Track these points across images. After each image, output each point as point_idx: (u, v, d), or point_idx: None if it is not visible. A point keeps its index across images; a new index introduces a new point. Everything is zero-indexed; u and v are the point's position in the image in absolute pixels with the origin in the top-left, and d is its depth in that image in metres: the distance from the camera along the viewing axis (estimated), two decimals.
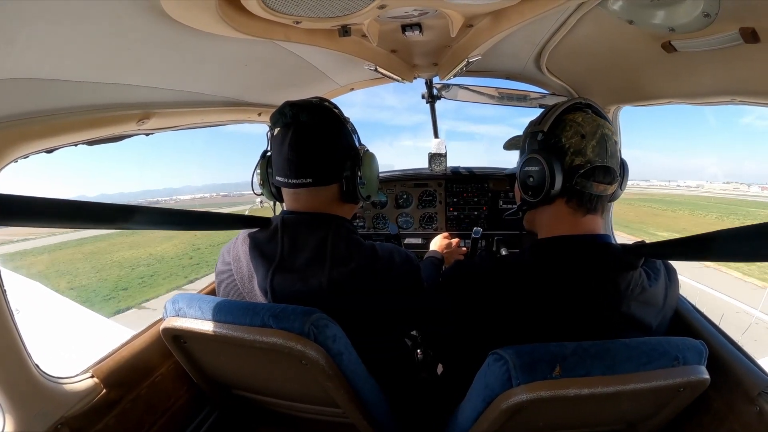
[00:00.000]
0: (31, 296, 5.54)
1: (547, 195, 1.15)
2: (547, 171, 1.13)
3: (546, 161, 1.13)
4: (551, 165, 1.12)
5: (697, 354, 1.00)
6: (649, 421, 1.14)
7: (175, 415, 1.50)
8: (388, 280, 1.26)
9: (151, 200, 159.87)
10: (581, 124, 1.15)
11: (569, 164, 1.14)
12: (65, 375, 1.22)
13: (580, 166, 1.13)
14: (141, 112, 1.33)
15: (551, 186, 1.13)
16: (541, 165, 1.14)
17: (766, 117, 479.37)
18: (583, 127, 1.14)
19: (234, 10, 1.01)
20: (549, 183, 1.13)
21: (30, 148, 1.06)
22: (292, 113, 1.23)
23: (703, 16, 0.95)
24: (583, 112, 1.19)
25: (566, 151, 1.14)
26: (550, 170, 1.12)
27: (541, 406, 0.92)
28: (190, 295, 1.23)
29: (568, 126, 1.16)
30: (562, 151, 1.15)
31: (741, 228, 0.76)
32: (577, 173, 1.13)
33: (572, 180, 1.14)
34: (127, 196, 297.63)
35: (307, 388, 1.22)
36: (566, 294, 1.10)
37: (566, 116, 1.18)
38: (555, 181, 1.13)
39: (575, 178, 1.14)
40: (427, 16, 1.31)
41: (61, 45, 0.89)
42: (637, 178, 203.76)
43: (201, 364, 1.34)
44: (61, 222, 0.80)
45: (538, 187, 1.17)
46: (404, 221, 3.07)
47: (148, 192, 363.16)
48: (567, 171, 1.14)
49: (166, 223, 1.08)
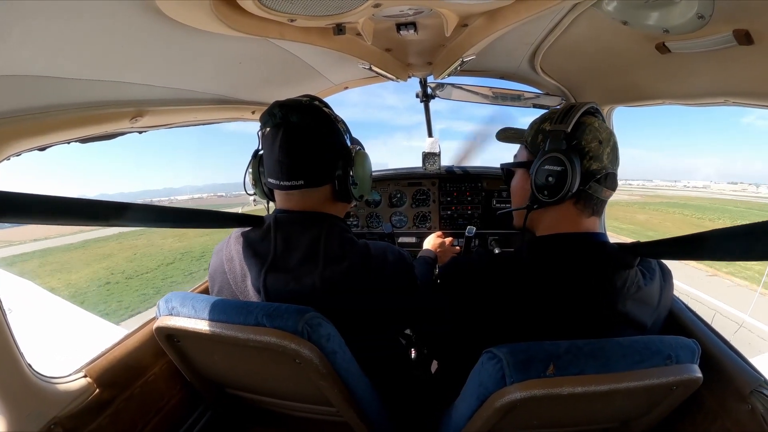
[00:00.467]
0: (22, 296, 5.50)
1: (563, 197, 1.13)
2: (570, 173, 1.11)
3: (570, 163, 1.11)
4: (575, 167, 1.11)
5: (690, 353, 1.01)
6: (642, 419, 1.15)
7: (169, 414, 1.50)
8: (382, 278, 1.25)
9: (149, 200, 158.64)
10: (598, 130, 1.15)
11: (586, 168, 1.14)
12: (58, 375, 1.21)
13: (596, 172, 1.14)
14: (134, 109, 1.32)
15: (570, 188, 1.12)
16: (564, 166, 1.11)
17: (765, 117, 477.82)
18: (600, 133, 1.14)
19: (229, 7, 1.01)
20: (569, 185, 1.11)
21: (22, 145, 1.05)
22: (281, 114, 1.21)
23: (697, 17, 0.96)
24: (596, 117, 1.19)
25: (585, 155, 1.14)
26: (572, 172, 1.11)
27: (535, 405, 0.93)
28: (183, 294, 1.22)
29: (588, 130, 1.15)
30: (582, 153, 1.14)
31: (734, 227, 0.77)
32: (593, 178, 1.14)
33: (587, 184, 1.14)
34: (127, 196, 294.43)
35: (301, 387, 1.21)
36: (563, 291, 1.10)
37: (584, 119, 1.17)
38: (575, 184, 1.12)
39: (590, 183, 1.14)
40: (422, 15, 1.31)
41: (55, 42, 0.88)
42: (639, 177, 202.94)
43: (194, 363, 1.34)
44: (54, 219, 0.79)
45: (556, 188, 1.14)
46: (398, 220, 3.07)
47: (147, 192, 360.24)
48: (584, 174, 1.13)
49: (159, 220, 1.07)
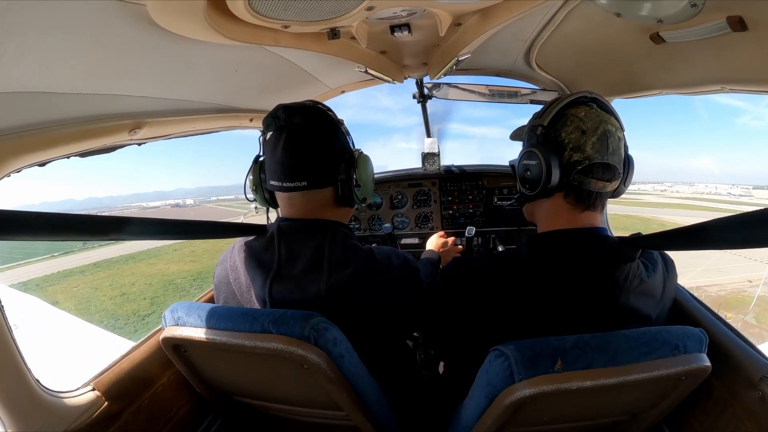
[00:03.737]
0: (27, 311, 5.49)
1: (543, 189, 1.15)
2: (544, 166, 1.12)
3: (543, 156, 1.13)
4: (548, 160, 1.12)
5: (697, 342, 1.00)
6: (652, 410, 1.15)
7: (178, 425, 1.50)
8: (387, 283, 1.25)
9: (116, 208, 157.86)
10: (583, 120, 1.14)
11: (567, 160, 1.14)
12: (66, 389, 1.21)
13: (578, 162, 1.13)
14: (132, 121, 1.33)
15: (548, 181, 1.13)
16: (538, 159, 1.14)
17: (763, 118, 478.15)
18: (584, 123, 1.13)
19: (222, 16, 1.01)
20: (545, 178, 1.13)
21: (22, 161, 1.06)
22: (285, 116, 1.22)
23: (690, 6, 0.96)
24: (587, 106, 1.17)
25: (565, 147, 1.14)
26: (547, 165, 1.12)
27: (544, 401, 0.93)
28: (188, 304, 1.22)
29: (569, 121, 1.15)
30: (561, 146, 1.15)
31: (734, 216, 0.77)
32: (575, 169, 1.13)
33: (570, 176, 1.14)
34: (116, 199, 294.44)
35: (309, 392, 1.21)
36: (565, 287, 1.10)
37: (568, 111, 1.17)
38: (552, 176, 1.13)
39: (573, 174, 1.14)
40: (416, 16, 1.31)
41: (50, 57, 0.89)
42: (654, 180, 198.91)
43: (202, 372, 1.34)
44: (53, 236, 0.79)
45: (535, 181, 1.17)
46: (400, 221, 3.07)
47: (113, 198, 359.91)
48: (565, 166, 1.14)
49: (159, 233, 1.07)
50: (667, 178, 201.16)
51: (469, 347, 1.25)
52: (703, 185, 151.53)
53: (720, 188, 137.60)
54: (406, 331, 1.78)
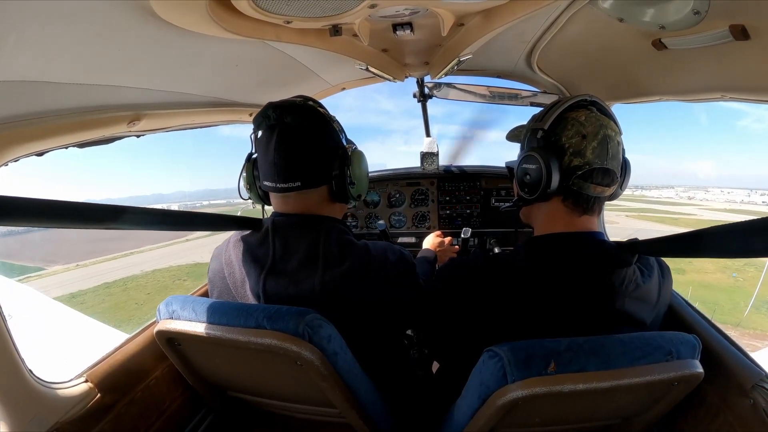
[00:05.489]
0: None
1: (542, 194, 1.15)
2: (544, 171, 1.12)
3: (544, 161, 1.12)
4: (549, 165, 1.12)
5: (690, 348, 1.01)
6: (644, 415, 1.15)
7: (171, 418, 1.50)
8: (383, 279, 1.25)
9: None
10: (583, 124, 1.13)
11: (567, 164, 1.14)
12: (59, 380, 1.20)
13: (578, 167, 1.13)
14: (131, 113, 1.32)
15: (547, 185, 1.13)
16: (538, 164, 1.14)
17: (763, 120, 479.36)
18: (585, 127, 1.13)
19: (224, 10, 1.01)
20: (545, 182, 1.13)
21: (20, 151, 1.05)
22: (275, 115, 1.21)
23: (693, 13, 0.96)
24: (587, 110, 1.17)
25: (565, 151, 1.14)
26: (547, 170, 1.12)
27: (537, 402, 0.93)
28: (183, 297, 1.22)
29: (569, 125, 1.15)
30: (561, 150, 1.14)
31: (732, 224, 0.77)
32: (574, 174, 1.13)
33: (569, 180, 1.14)
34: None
35: (303, 388, 1.21)
36: (560, 290, 1.10)
37: (569, 114, 1.17)
38: (552, 181, 1.12)
39: (572, 179, 1.14)
40: (418, 15, 1.31)
41: (51, 47, 0.88)
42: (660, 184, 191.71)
43: (196, 366, 1.34)
44: (49, 222, 0.79)
45: (534, 185, 1.17)
46: (397, 220, 3.07)
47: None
48: (565, 171, 1.13)
49: (156, 223, 1.07)
50: (680, 182, 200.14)
51: (464, 347, 1.25)
52: (718, 190, 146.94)
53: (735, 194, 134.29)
54: (402, 329, 1.78)
